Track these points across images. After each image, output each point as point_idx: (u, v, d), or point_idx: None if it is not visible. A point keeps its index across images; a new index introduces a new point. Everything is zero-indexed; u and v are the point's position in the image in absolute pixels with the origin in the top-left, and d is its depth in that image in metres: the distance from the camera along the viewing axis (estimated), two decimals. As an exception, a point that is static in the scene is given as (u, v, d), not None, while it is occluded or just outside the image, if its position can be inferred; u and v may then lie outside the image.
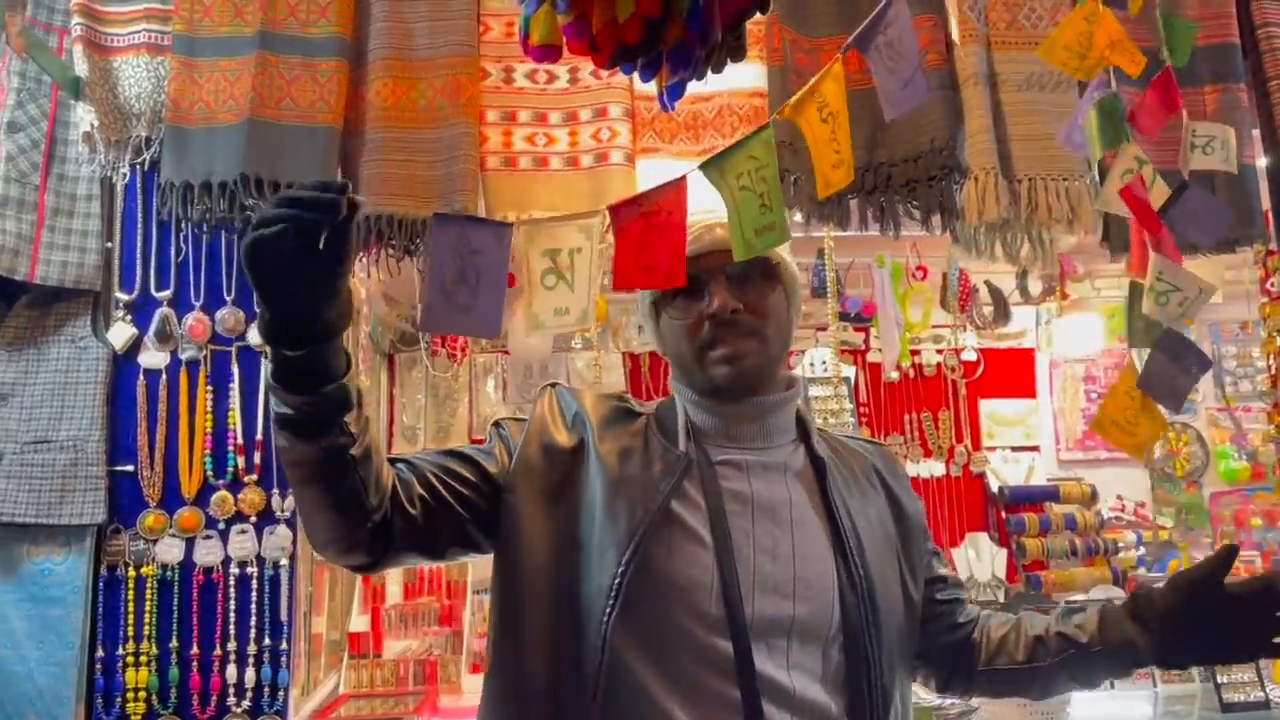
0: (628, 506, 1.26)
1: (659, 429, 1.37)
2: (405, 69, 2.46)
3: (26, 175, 2.42)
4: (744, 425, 1.36)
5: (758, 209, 1.21)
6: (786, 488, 1.34)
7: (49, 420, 2.40)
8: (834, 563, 1.30)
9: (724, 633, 1.22)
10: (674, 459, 1.31)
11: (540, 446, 1.34)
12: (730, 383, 1.34)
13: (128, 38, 2.49)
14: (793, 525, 1.31)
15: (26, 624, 2.34)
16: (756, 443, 1.37)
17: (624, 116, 2.48)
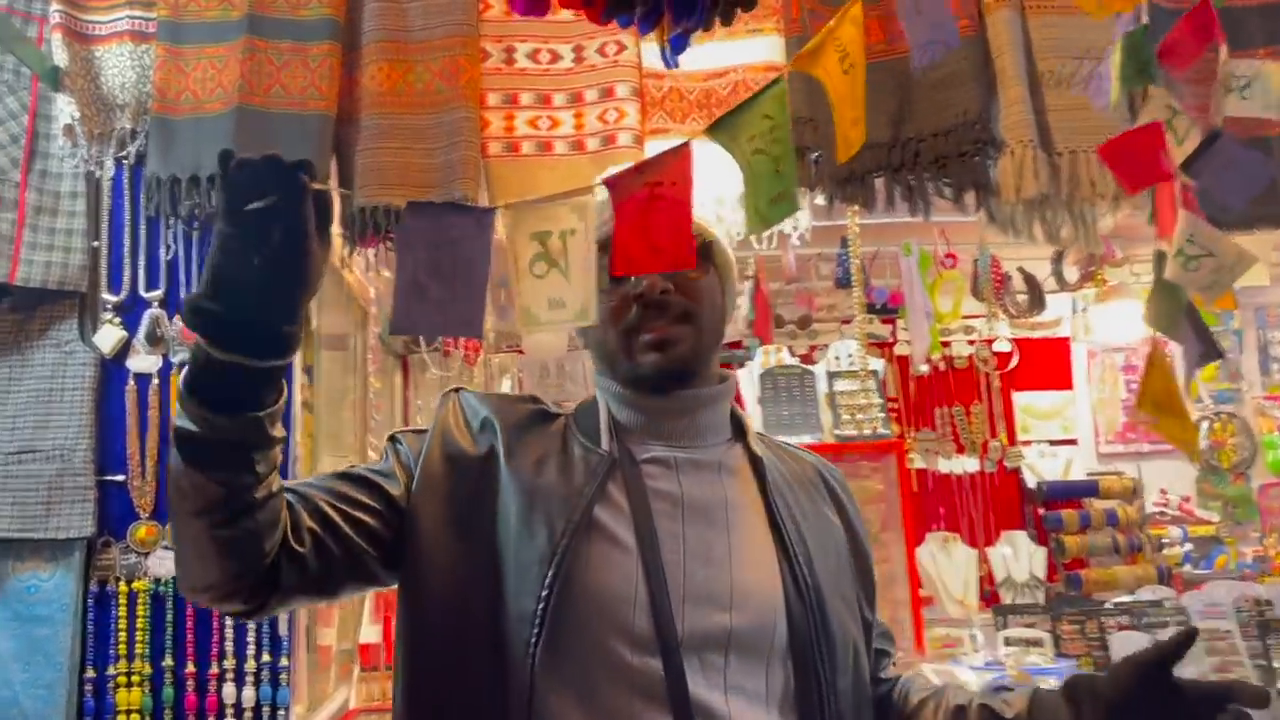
0: (546, 519, 1.12)
1: (579, 430, 1.24)
2: (401, 51, 2.33)
3: (6, 172, 2.30)
4: (673, 421, 1.24)
5: (772, 174, 1.07)
6: (722, 486, 1.21)
7: (34, 429, 2.28)
8: (778, 569, 1.16)
9: (654, 651, 1.07)
10: (595, 460, 1.18)
11: (443, 459, 1.20)
12: (659, 370, 1.21)
13: (110, 25, 2.37)
14: (729, 528, 1.18)
15: (12, 644, 2.22)
16: (686, 440, 1.24)
17: (632, 96, 2.33)
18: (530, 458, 1.18)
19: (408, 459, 1.22)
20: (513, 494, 1.15)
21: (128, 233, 2.39)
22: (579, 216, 1.14)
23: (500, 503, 1.15)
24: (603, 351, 1.26)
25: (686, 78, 2.37)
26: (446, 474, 1.18)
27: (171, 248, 2.39)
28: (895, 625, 3.09)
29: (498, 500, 1.15)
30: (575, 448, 1.20)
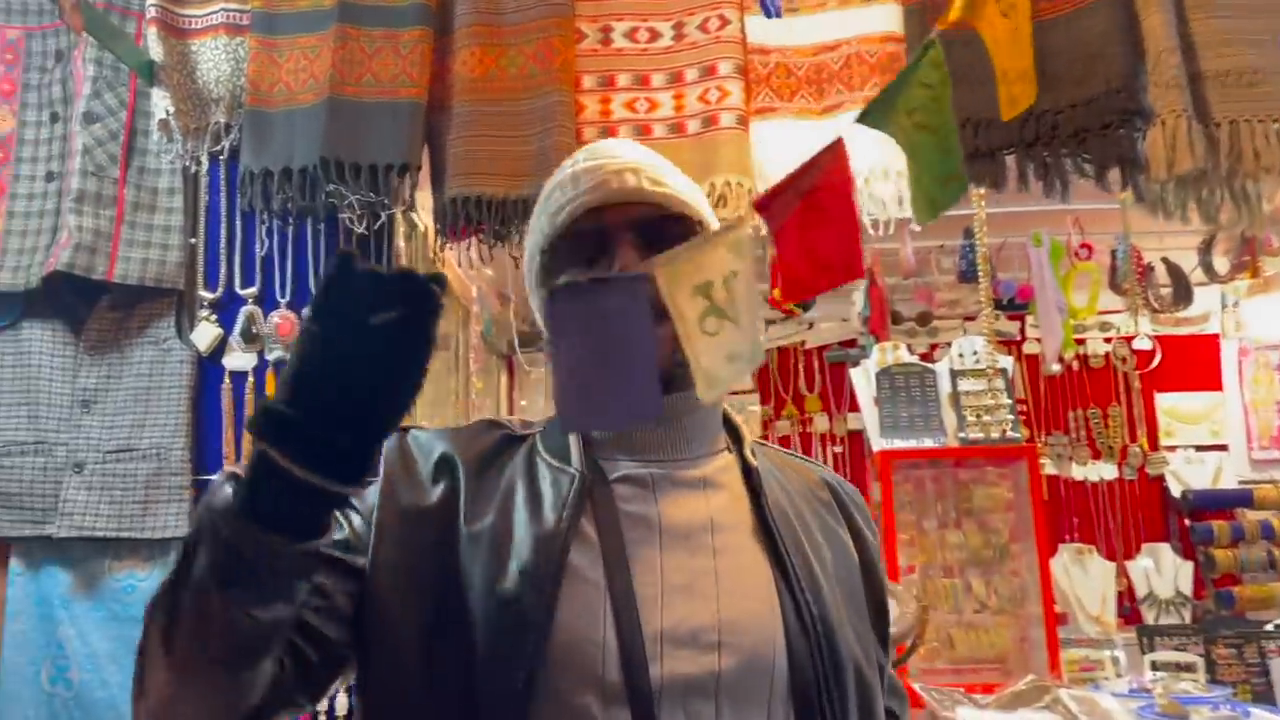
0: (516, 572, 0.94)
1: (545, 449, 1.07)
2: (494, 35, 2.23)
3: (105, 168, 2.29)
4: (650, 431, 1.06)
5: (939, 152, 0.93)
6: (705, 506, 1.04)
7: (131, 427, 2.26)
8: (776, 598, 0.99)
9: (625, 702, 0.91)
10: (565, 483, 1.01)
11: (396, 515, 1.01)
12: None
13: (205, 19, 2.34)
14: (715, 554, 1.00)
15: (109, 645, 2.20)
16: (665, 453, 1.06)
17: (735, 74, 2.17)
18: (493, 499, 1.02)
19: (361, 524, 1.03)
20: (476, 548, 0.98)
21: (224, 229, 2.36)
22: (736, 255, 0.98)
23: (463, 560, 0.97)
24: None
25: (795, 52, 2.20)
26: (399, 534, 1.00)
27: (265, 243, 2.35)
28: (1027, 645, 2.85)
29: (459, 557, 0.97)
30: (542, 471, 1.04)
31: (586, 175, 1.05)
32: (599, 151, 1.09)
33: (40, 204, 2.33)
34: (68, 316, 2.33)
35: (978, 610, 2.82)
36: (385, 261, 2.34)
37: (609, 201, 1.04)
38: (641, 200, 1.04)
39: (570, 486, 1.00)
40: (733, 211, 2.12)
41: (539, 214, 1.10)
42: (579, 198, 1.04)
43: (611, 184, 1.03)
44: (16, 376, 2.30)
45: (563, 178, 1.08)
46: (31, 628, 2.22)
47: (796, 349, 4.75)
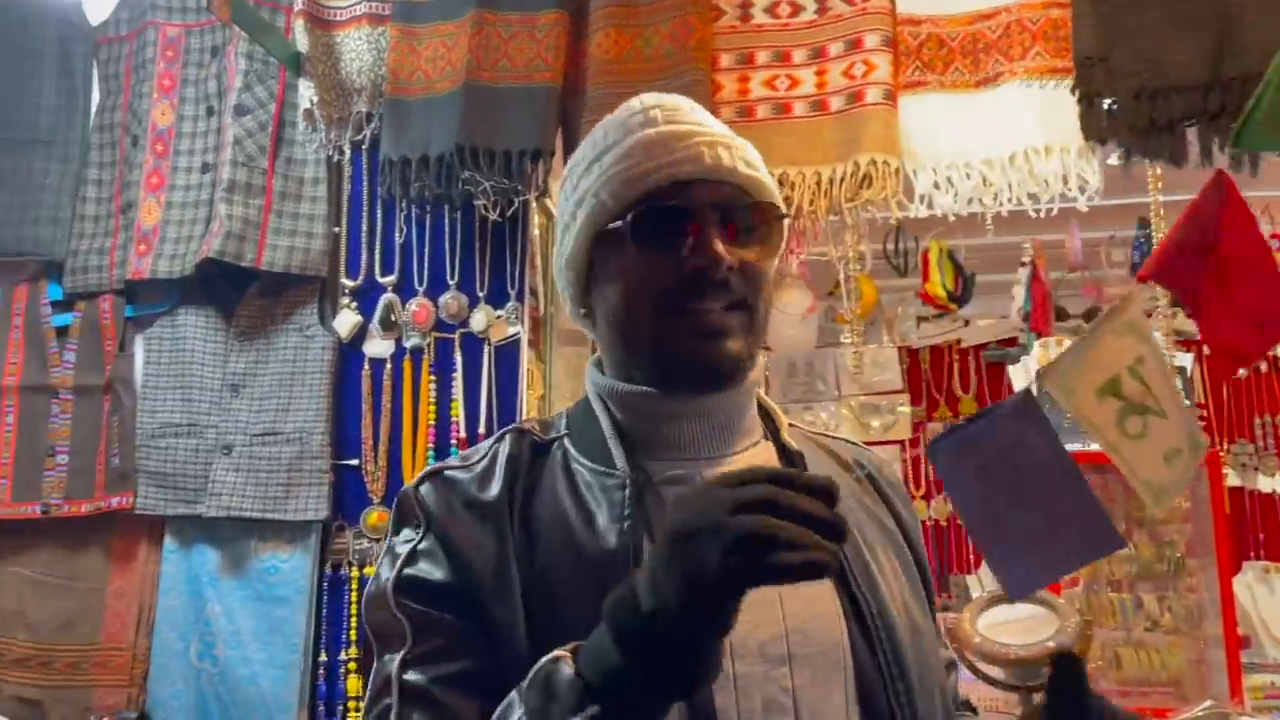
0: (586, 614, 0.81)
1: (581, 452, 0.97)
2: (629, 15, 2.18)
3: (254, 159, 2.35)
4: (697, 426, 0.97)
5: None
6: None
7: (277, 412, 2.32)
8: (836, 600, 0.91)
9: None
10: (614, 490, 0.92)
11: (454, 576, 0.90)
12: (706, 366, 0.93)
13: (349, 10, 2.38)
14: None
15: (253, 624, 2.26)
16: (711, 449, 0.97)
17: (883, 46, 2.05)
18: (544, 533, 0.92)
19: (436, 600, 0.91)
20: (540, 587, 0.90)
21: (364, 217, 2.39)
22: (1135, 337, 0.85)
23: (529, 603, 0.89)
24: (623, 333, 0.97)
25: (948, 21, 2.06)
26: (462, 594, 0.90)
27: (404, 231, 2.37)
28: (1204, 668, 2.60)
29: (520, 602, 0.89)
30: (585, 479, 0.95)
31: (675, 141, 0.93)
32: (675, 114, 0.96)
33: (196, 194, 2.42)
34: (220, 304, 2.41)
35: (1148, 628, 2.59)
36: (520, 247, 2.33)
37: (699, 176, 0.93)
38: (732, 180, 0.94)
39: (622, 495, 0.92)
40: (878, 192, 2.00)
41: (601, 172, 0.95)
42: (669, 166, 0.92)
43: (705, 158, 0.93)
44: (173, 361, 2.39)
45: (639, 139, 0.94)
46: (182, 604, 2.31)
47: (951, 347, 4.53)
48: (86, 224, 2.50)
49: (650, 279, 0.93)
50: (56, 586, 2.36)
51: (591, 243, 0.97)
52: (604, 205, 0.94)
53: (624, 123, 0.97)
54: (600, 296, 0.98)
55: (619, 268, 0.95)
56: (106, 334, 2.45)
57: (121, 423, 2.39)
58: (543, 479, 0.96)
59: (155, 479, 2.34)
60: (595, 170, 0.96)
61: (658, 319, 0.93)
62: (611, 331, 0.98)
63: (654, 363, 0.95)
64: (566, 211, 1.00)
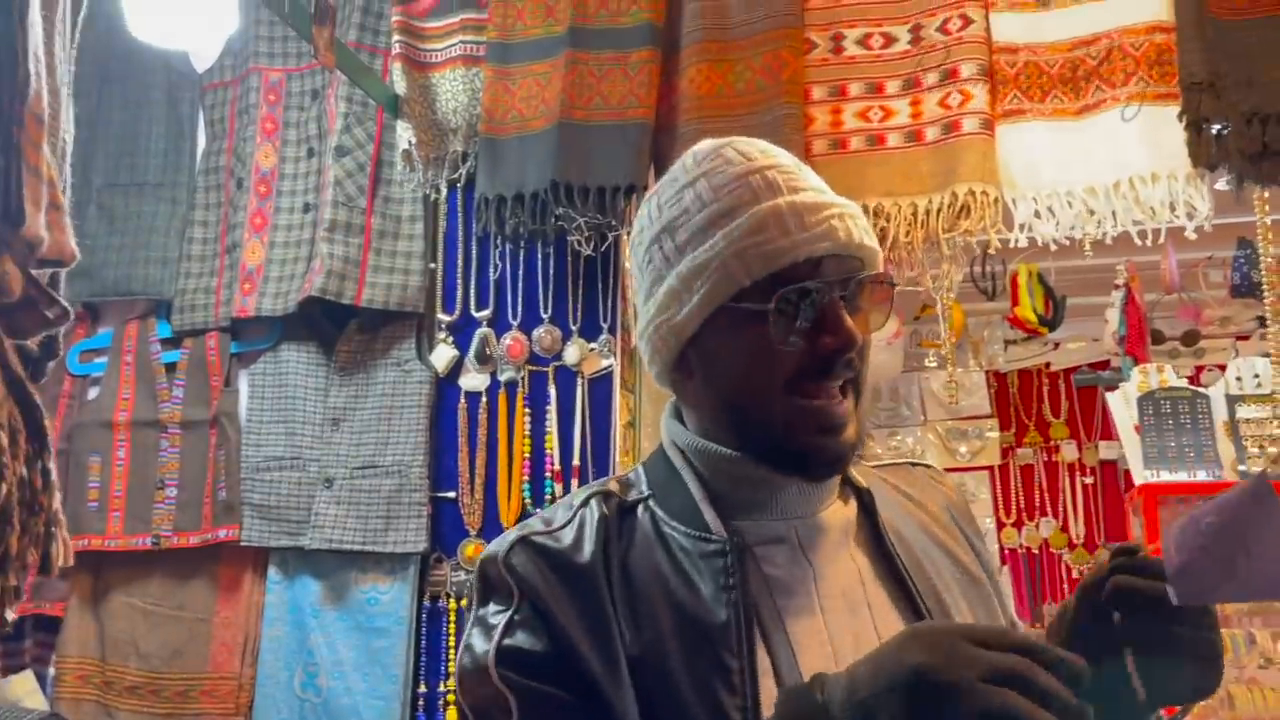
0: (697, 686, 0.85)
1: (669, 514, 0.95)
2: (721, 50, 2.19)
3: (354, 199, 2.42)
4: (794, 493, 0.94)
5: None
6: (850, 556, 0.96)
7: (376, 445, 2.37)
8: None
9: None
10: (714, 559, 0.90)
11: (559, 662, 0.88)
12: (824, 461, 0.91)
13: (445, 52, 2.44)
14: (871, 610, 0.93)
15: (354, 654, 2.30)
16: (803, 510, 0.95)
17: (979, 75, 2.03)
18: (646, 606, 0.90)
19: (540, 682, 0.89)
20: (649, 664, 0.88)
21: (460, 254, 2.43)
22: None
23: (636, 682, 0.87)
24: (730, 411, 0.94)
25: (1048, 49, 2.03)
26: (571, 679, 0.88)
27: (499, 266, 2.41)
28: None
29: (626, 682, 0.87)
30: (680, 545, 0.93)
31: (809, 215, 0.89)
32: (795, 179, 0.92)
33: (298, 234, 2.49)
34: (320, 339, 2.47)
35: (1262, 665, 2.49)
36: (613, 283, 2.35)
37: (833, 253, 0.89)
38: (859, 255, 0.91)
39: (723, 563, 0.90)
40: (976, 222, 1.98)
41: (729, 243, 0.90)
42: (805, 244, 0.88)
43: (839, 233, 0.89)
44: (276, 396, 2.46)
45: (770, 210, 0.90)
46: (286, 634, 2.36)
47: (1041, 371, 4.44)
48: (193, 264, 2.59)
49: (781, 360, 0.89)
50: (166, 616, 2.44)
51: (712, 314, 0.91)
52: (734, 279, 0.89)
53: (739, 182, 0.92)
54: (708, 367, 0.94)
55: (744, 344, 0.90)
56: (213, 370, 2.53)
57: (227, 456, 2.46)
58: (635, 544, 0.94)
59: (260, 511, 2.40)
60: (717, 238, 0.90)
61: (780, 401, 0.90)
62: (720, 404, 0.94)
63: (768, 446, 0.92)
64: (675, 275, 0.93)
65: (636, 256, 1.00)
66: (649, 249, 0.97)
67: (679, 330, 0.93)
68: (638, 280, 1.00)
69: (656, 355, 0.96)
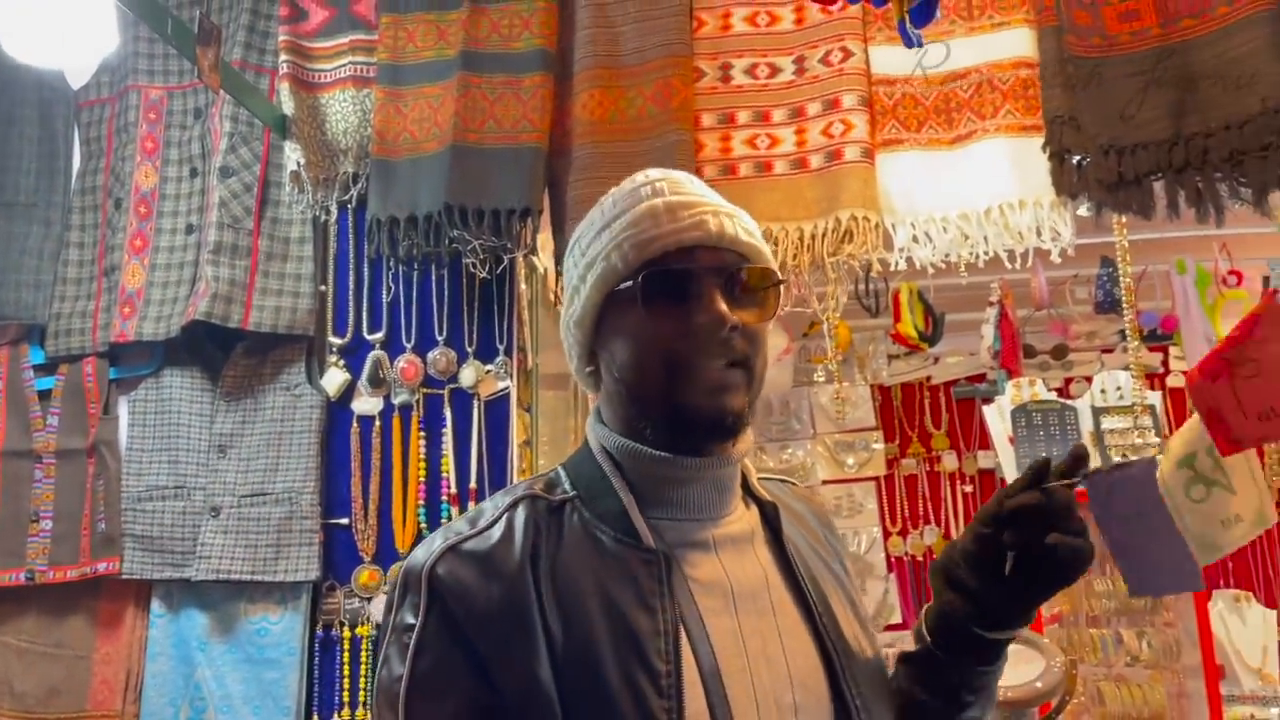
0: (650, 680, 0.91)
1: (598, 517, 1.00)
2: (613, 77, 2.23)
3: (240, 220, 2.37)
4: (702, 490, 1.02)
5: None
6: (758, 562, 1.04)
7: (265, 472, 2.32)
8: (815, 648, 1.01)
9: None
10: (646, 561, 0.96)
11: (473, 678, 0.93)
12: (711, 420, 0.98)
13: (334, 72, 2.41)
14: (774, 612, 1.01)
15: (244, 687, 2.24)
16: (713, 511, 1.04)
17: (860, 106, 2.12)
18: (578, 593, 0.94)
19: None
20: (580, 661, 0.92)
21: (352, 276, 2.41)
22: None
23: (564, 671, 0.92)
24: (628, 390, 1.02)
25: (922, 82, 2.13)
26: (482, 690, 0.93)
27: (392, 289, 2.39)
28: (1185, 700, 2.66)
29: (544, 673, 0.91)
30: (608, 546, 0.98)
31: (681, 210, 1.00)
32: (679, 186, 1.04)
33: (180, 256, 2.43)
34: (205, 364, 2.41)
35: (1129, 663, 2.65)
36: (508, 305, 2.36)
37: (704, 243, 1.00)
38: (734, 248, 1.01)
39: (658, 571, 0.96)
40: (859, 247, 2.06)
41: (611, 238, 1.01)
42: (677, 233, 0.99)
43: (709, 225, 1.00)
44: (158, 423, 2.39)
45: (647, 207, 1.01)
46: (171, 669, 2.28)
47: (922, 384, 4.60)
48: (68, 287, 2.49)
49: (658, 337, 0.98)
50: (42, 654, 2.33)
51: (601, 304, 1.03)
52: (614, 268, 1.00)
53: (631, 193, 1.04)
54: (608, 355, 1.04)
55: (628, 327, 1.00)
56: (90, 397, 2.43)
57: (107, 486, 2.37)
58: (565, 544, 0.98)
59: (142, 543, 2.33)
60: (605, 236, 1.02)
61: (665, 375, 0.98)
62: (619, 387, 1.03)
63: (662, 417, 1.00)
64: (575, 275, 1.05)
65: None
66: (567, 261, 1.08)
67: (580, 323, 1.05)
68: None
69: (571, 353, 1.08)
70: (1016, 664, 2.32)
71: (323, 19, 2.44)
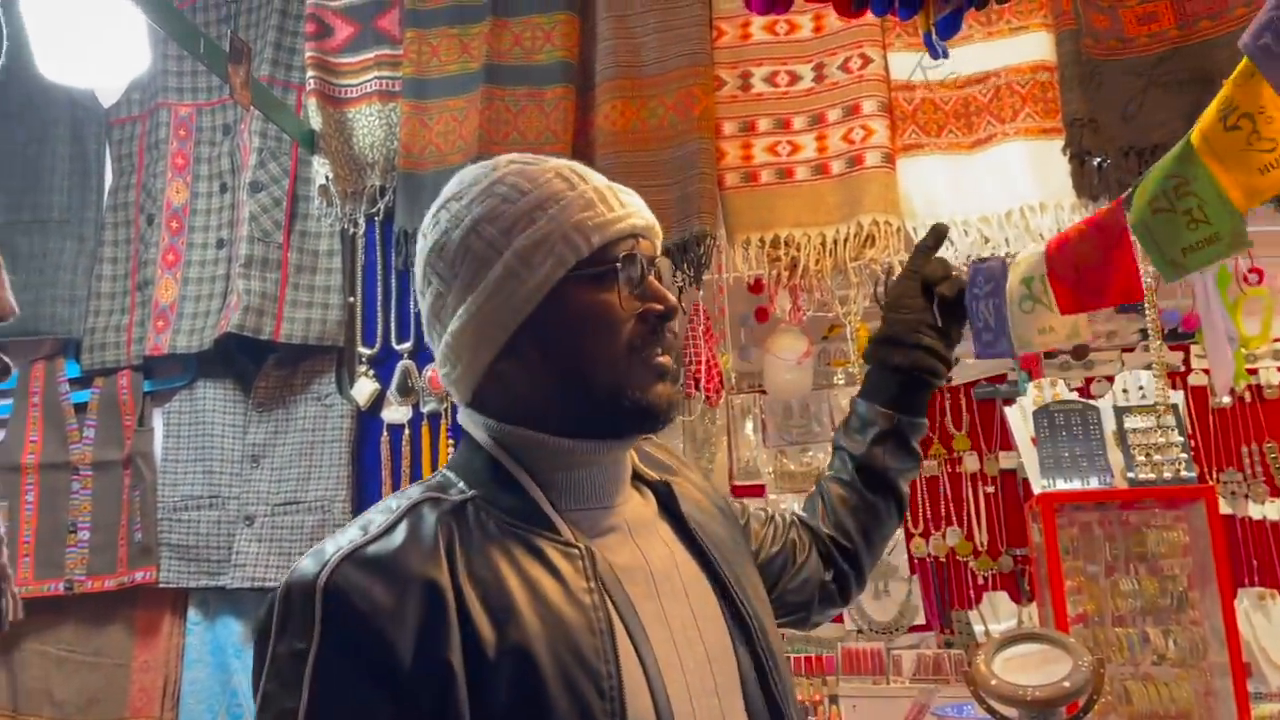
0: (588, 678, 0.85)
1: (507, 513, 0.93)
2: (634, 88, 2.26)
3: (270, 234, 2.41)
4: (608, 473, 1.00)
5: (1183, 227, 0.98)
6: (664, 544, 1.01)
7: (297, 481, 2.36)
8: (723, 621, 1.00)
9: None
10: (574, 558, 0.91)
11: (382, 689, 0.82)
12: (667, 408, 0.97)
13: (360, 87, 2.45)
14: (687, 593, 0.98)
15: (279, 691, 2.27)
16: (616, 496, 1.01)
17: (880, 112, 2.14)
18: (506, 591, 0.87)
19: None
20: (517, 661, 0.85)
21: (379, 287, 2.44)
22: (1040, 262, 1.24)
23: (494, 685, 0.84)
24: (568, 378, 0.96)
25: (941, 87, 2.15)
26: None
27: (419, 300, 2.42)
28: (1212, 699, 2.65)
29: (459, 686, 0.83)
30: (528, 541, 0.91)
31: (624, 195, 0.99)
32: (589, 173, 1.00)
33: (212, 270, 2.47)
34: (238, 376, 2.45)
35: (1155, 662, 2.64)
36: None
37: (642, 232, 0.98)
38: (654, 235, 1.01)
39: (582, 568, 0.91)
40: (881, 251, 2.08)
41: (564, 220, 0.94)
42: (627, 217, 0.96)
43: (645, 213, 1.00)
44: (193, 434, 2.43)
45: (593, 189, 0.96)
46: (208, 676, 2.32)
47: (943, 386, 4.61)
48: (102, 301, 2.54)
49: (622, 322, 0.94)
50: (81, 663, 2.38)
51: (550, 288, 0.93)
52: (577, 248, 0.93)
53: (552, 174, 0.97)
54: (548, 342, 0.95)
55: (587, 310, 0.94)
56: (125, 409, 2.48)
57: (142, 497, 2.42)
58: (479, 545, 0.90)
59: (178, 552, 2.37)
60: (552, 214, 0.94)
61: (624, 360, 0.95)
62: (558, 379, 0.96)
63: (613, 406, 0.95)
64: (514, 252, 0.94)
65: (441, 259, 0.97)
66: (463, 242, 0.96)
67: (519, 309, 0.93)
68: (438, 285, 0.98)
69: (481, 346, 0.95)
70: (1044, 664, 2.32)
71: (348, 35, 2.48)
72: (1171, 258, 0.99)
